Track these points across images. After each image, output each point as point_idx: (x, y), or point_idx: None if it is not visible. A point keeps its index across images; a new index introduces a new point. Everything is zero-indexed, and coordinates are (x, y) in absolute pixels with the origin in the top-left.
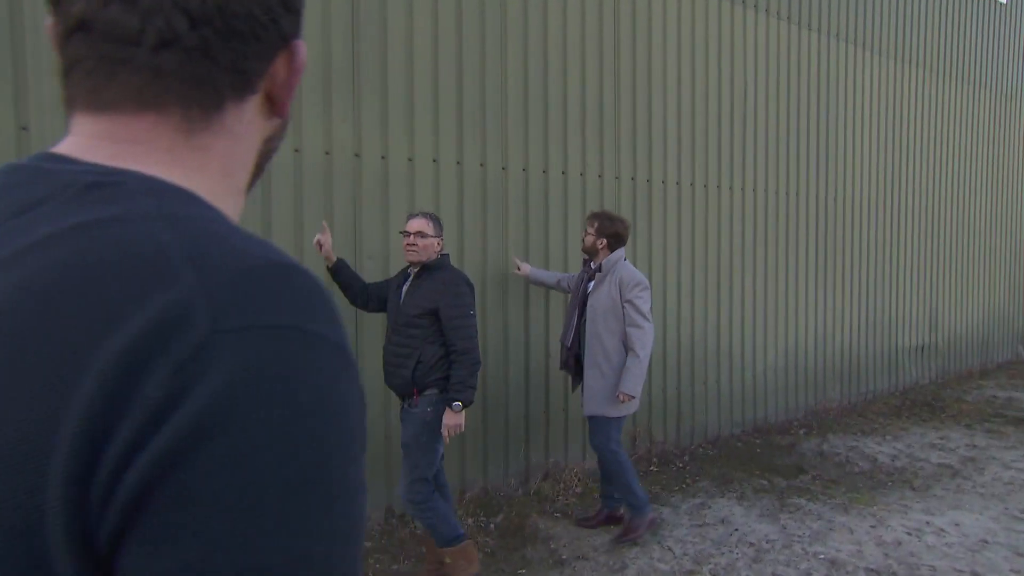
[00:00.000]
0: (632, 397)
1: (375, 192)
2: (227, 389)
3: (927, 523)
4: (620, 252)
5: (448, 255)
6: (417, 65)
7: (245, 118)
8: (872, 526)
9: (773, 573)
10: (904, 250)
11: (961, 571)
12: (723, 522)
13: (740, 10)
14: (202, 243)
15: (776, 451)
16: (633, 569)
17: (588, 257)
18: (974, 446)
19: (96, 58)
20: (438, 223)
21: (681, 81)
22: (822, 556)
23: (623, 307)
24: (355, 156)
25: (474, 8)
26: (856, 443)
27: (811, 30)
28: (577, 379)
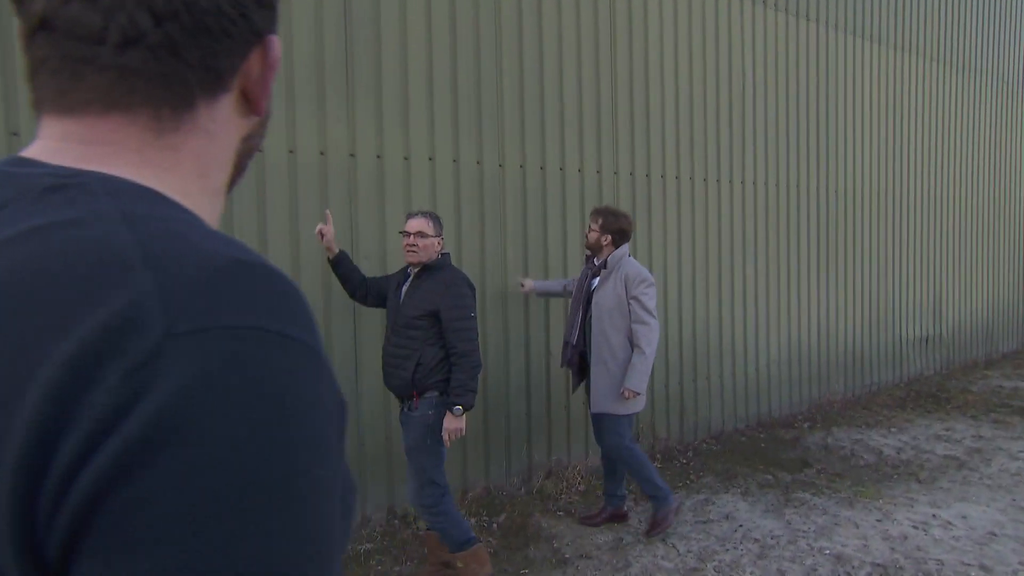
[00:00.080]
0: (637, 394)
1: (371, 192)
2: (181, 395)
3: (934, 516)
4: (624, 248)
5: (448, 254)
6: (411, 63)
7: (219, 116)
8: (878, 520)
9: (778, 569)
10: (907, 241)
11: (969, 564)
12: (727, 518)
13: (738, 2)
14: (161, 243)
15: (780, 445)
16: (637, 567)
17: (591, 254)
18: (980, 437)
19: (60, 58)
20: (438, 222)
21: (679, 74)
22: (827, 551)
23: (629, 304)
24: (350, 156)
25: (468, 3)
26: (861, 436)
27: (810, 20)
28: (578, 377)
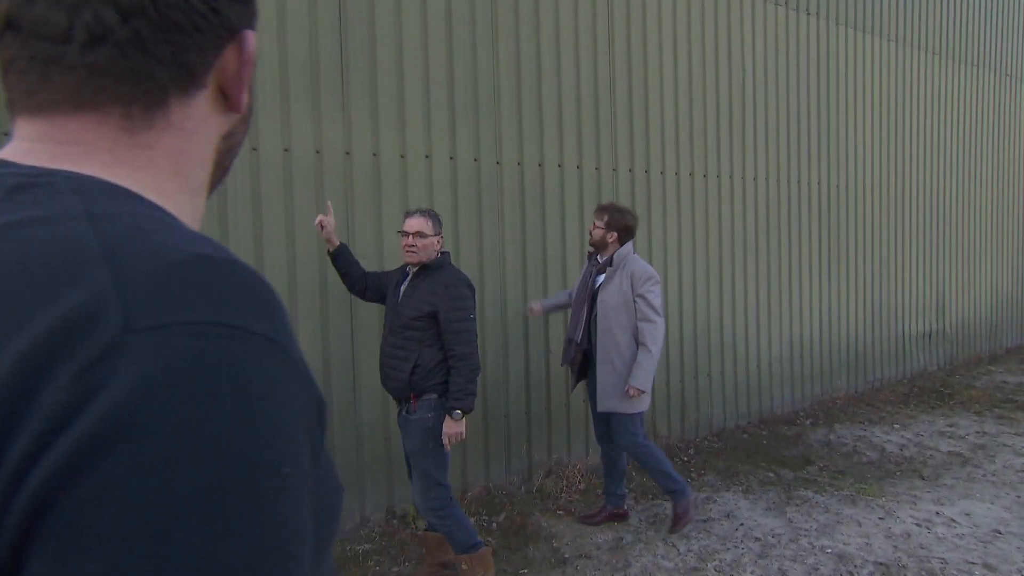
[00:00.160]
0: (642, 392)
1: (367, 191)
2: (137, 392)
3: (937, 514)
4: (629, 245)
5: (448, 253)
6: (407, 59)
7: (194, 114)
8: (880, 518)
9: (779, 569)
10: (909, 236)
11: (973, 563)
12: (728, 516)
13: None
14: (123, 240)
15: (782, 442)
16: (637, 567)
17: (595, 251)
18: (984, 433)
19: (27, 59)
20: (437, 220)
21: (678, 69)
22: (829, 550)
23: (635, 301)
24: (346, 154)
25: None
26: (863, 433)
27: (810, 15)
28: (579, 377)
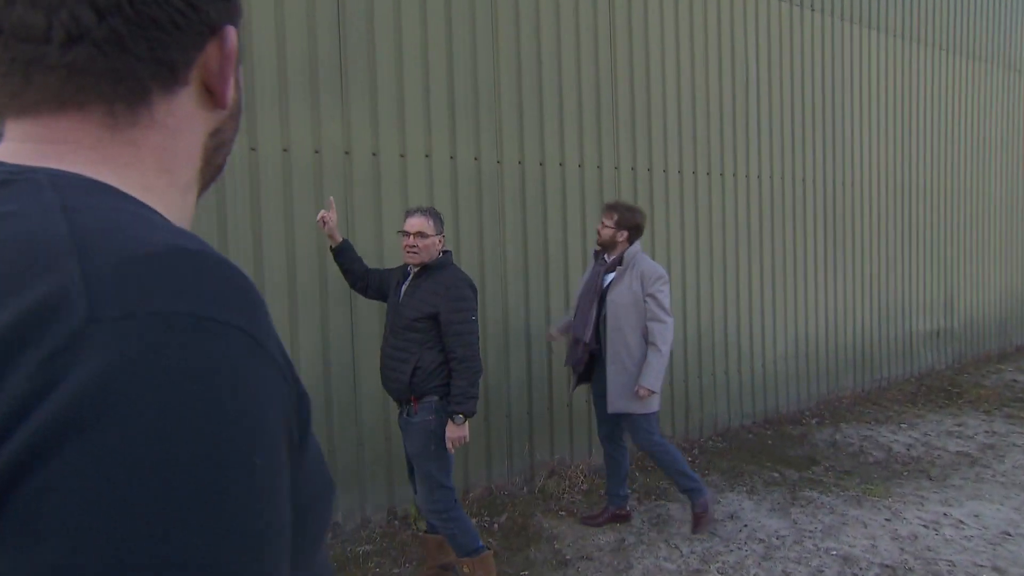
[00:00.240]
0: (653, 392)
1: (367, 191)
2: (100, 380)
3: (945, 515)
4: (638, 244)
5: (450, 252)
6: (407, 57)
7: (178, 111)
8: (887, 519)
9: (783, 571)
10: (917, 233)
11: (982, 566)
12: (732, 517)
13: None
14: (95, 232)
15: (788, 442)
16: (639, 569)
17: (602, 250)
18: (993, 433)
19: (9, 61)
20: (438, 219)
21: (680, 66)
22: (834, 552)
23: (645, 301)
24: (345, 154)
25: None
26: (870, 432)
27: (814, 11)
28: (583, 378)
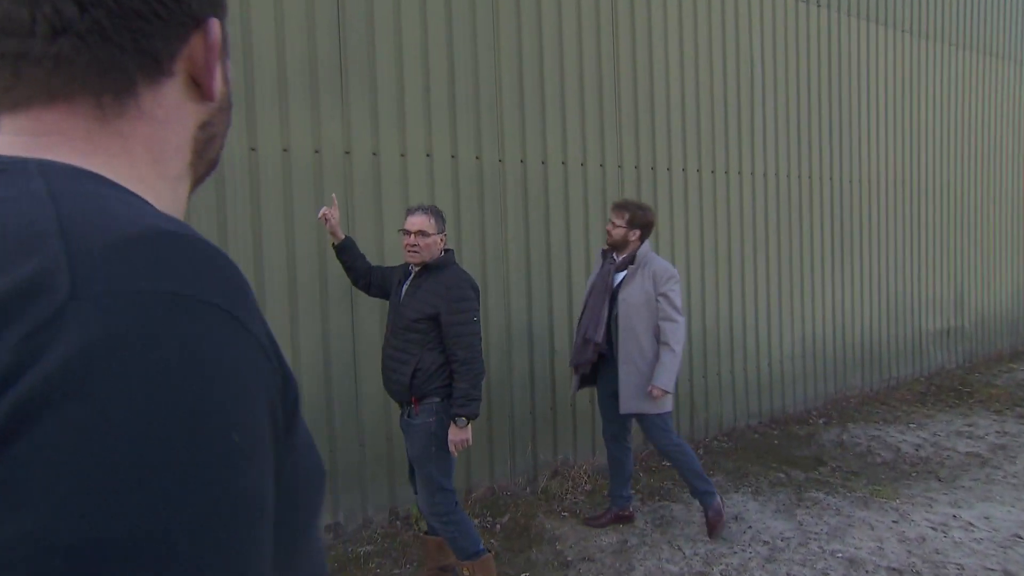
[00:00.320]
0: (667, 392)
1: (367, 190)
2: (81, 354)
3: (954, 517)
4: (648, 243)
5: (452, 251)
6: (406, 56)
7: (166, 102)
8: (894, 521)
9: (788, 573)
10: (927, 230)
11: (991, 569)
12: (737, 519)
13: None
14: (81, 215)
15: (794, 442)
16: (640, 571)
17: (611, 249)
18: (1005, 433)
19: None
20: (440, 217)
21: (685, 63)
22: (840, 555)
23: (657, 300)
24: (345, 153)
25: None
26: (878, 432)
27: (820, 6)
28: (587, 380)
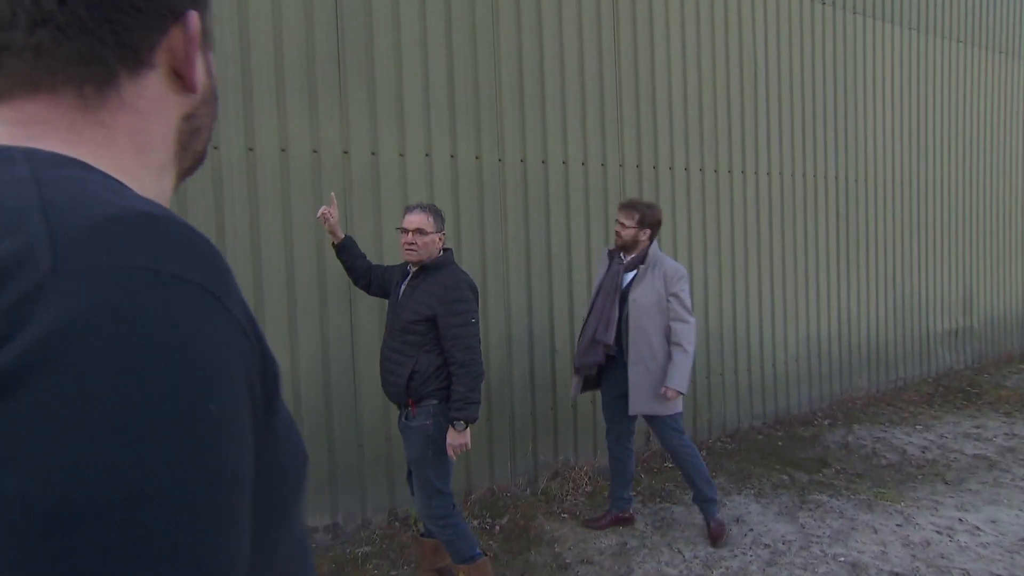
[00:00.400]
0: (680, 393)
1: (366, 191)
2: (61, 326)
3: (960, 521)
4: (656, 242)
5: (451, 251)
6: (405, 55)
7: (148, 93)
8: (898, 524)
9: None
10: (934, 229)
11: (998, 574)
12: (738, 521)
13: None
14: (64, 198)
15: (798, 444)
16: (639, 573)
17: (619, 250)
18: (1014, 435)
19: None
20: (438, 216)
21: (687, 61)
22: (842, 558)
23: (668, 301)
24: (344, 153)
25: None
26: (884, 434)
27: (825, 4)
28: (591, 383)
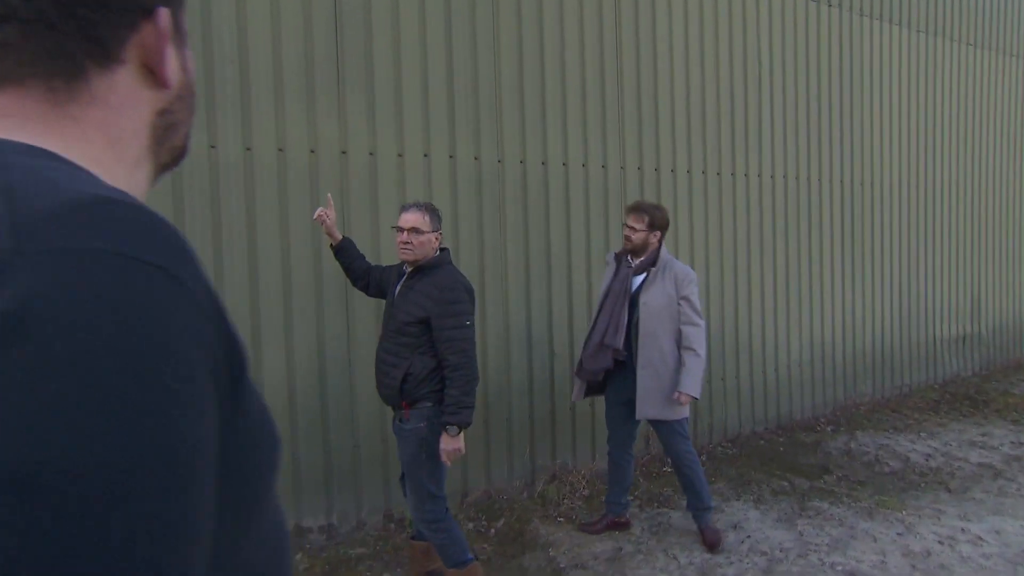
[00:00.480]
0: (693, 397)
1: (364, 191)
2: (23, 304)
3: (962, 530)
4: (664, 245)
5: (448, 251)
6: (404, 54)
7: (119, 88)
8: (899, 533)
9: None
10: (942, 234)
11: None
12: (736, 528)
13: None
14: (28, 185)
15: (800, 450)
16: None
17: (626, 253)
18: (1020, 444)
19: None
20: (435, 215)
21: (690, 62)
22: (840, 567)
23: (679, 304)
24: (342, 153)
25: None
26: (887, 441)
27: (831, 6)
28: (595, 388)
